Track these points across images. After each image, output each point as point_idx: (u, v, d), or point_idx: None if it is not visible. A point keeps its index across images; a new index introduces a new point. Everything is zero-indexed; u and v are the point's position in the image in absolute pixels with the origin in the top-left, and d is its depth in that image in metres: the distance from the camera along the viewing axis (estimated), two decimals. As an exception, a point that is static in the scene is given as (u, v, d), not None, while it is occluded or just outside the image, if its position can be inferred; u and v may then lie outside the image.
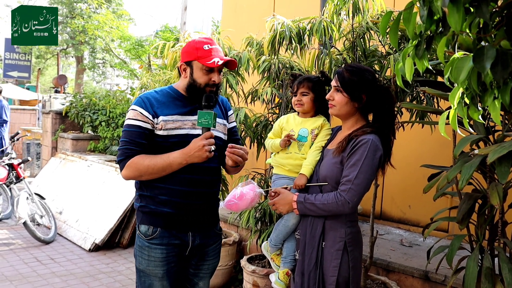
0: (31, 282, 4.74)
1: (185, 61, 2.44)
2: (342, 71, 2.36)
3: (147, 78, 5.26)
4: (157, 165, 2.34)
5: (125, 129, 2.41)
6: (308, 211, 2.34)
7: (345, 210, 2.23)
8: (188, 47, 2.43)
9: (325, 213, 2.28)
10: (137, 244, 2.50)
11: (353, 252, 2.31)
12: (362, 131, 2.29)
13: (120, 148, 2.39)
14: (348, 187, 2.20)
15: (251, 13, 6.62)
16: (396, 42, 1.62)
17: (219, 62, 2.37)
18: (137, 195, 2.53)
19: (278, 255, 2.73)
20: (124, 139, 2.39)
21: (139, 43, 19.06)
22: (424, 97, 3.47)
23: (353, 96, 2.32)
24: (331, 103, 2.39)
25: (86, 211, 6.48)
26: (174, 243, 2.47)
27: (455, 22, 1.34)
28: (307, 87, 2.60)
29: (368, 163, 2.20)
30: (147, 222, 2.46)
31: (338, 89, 2.35)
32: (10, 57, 22.56)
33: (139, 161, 2.35)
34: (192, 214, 2.50)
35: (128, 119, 2.40)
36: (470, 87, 1.43)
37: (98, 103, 9.27)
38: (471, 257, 2.67)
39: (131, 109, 2.41)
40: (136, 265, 2.51)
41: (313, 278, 2.33)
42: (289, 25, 3.57)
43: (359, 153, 2.22)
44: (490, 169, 2.63)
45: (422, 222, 4.89)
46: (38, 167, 10.48)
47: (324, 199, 2.26)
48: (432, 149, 4.66)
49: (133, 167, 2.35)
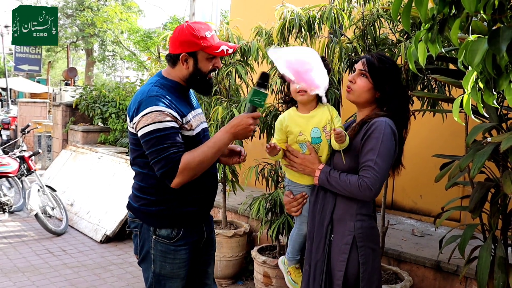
0: (43, 273, 4.77)
1: (187, 51, 2.24)
2: (372, 56, 2.22)
3: (156, 69, 5.25)
4: (208, 156, 2.19)
5: (157, 135, 2.13)
6: (327, 185, 2.18)
7: (365, 195, 2.08)
8: (188, 36, 2.22)
9: (345, 192, 2.13)
10: (157, 249, 2.34)
11: (364, 248, 2.16)
12: (375, 114, 2.18)
13: (162, 157, 2.13)
14: (370, 173, 2.06)
15: (260, 2, 6.58)
16: (409, 26, 1.58)
17: (229, 50, 2.27)
18: (152, 200, 2.33)
19: (297, 269, 2.53)
20: (161, 145, 2.13)
21: (147, 35, 19.09)
22: (436, 85, 3.42)
23: (377, 84, 2.19)
24: (351, 87, 2.24)
25: (97, 203, 6.51)
26: (195, 240, 2.44)
27: (469, 2, 1.30)
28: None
29: (385, 146, 2.07)
30: (169, 225, 2.33)
31: (363, 73, 2.21)
32: (20, 51, 22.66)
33: (189, 161, 2.15)
34: (208, 207, 2.50)
35: (157, 123, 2.12)
36: (485, 71, 1.40)
37: (108, 95, 9.28)
38: (484, 246, 2.64)
39: (156, 110, 2.14)
40: (156, 270, 2.36)
41: (320, 267, 2.22)
42: (299, 12, 3.53)
43: (374, 137, 2.09)
44: (503, 157, 2.59)
45: (433, 211, 4.85)
46: (49, 159, 10.55)
47: (348, 179, 2.11)
48: (443, 138, 4.61)
49: (187, 170, 2.15)
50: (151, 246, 2.35)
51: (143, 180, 2.36)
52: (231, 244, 4.54)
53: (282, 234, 3.89)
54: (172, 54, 2.30)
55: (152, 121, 2.13)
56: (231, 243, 4.54)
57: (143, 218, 2.38)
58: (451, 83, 2.83)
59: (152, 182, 2.31)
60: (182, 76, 2.32)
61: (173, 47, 2.29)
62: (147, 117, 2.14)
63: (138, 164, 2.36)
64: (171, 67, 2.34)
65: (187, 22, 2.29)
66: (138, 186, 2.40)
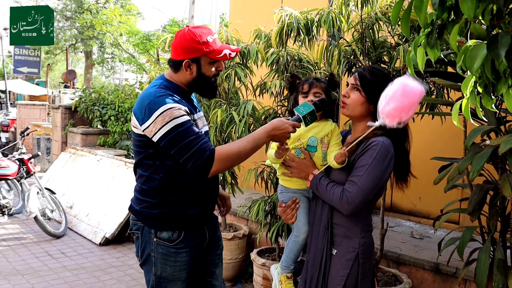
0: (42, 276, 4.77)
1: (190, 57, 2.25)
2: (364, 70, 2.24)
3: (155, 72, 5.25)
4: (246, 149, 2.20)
5: (180, 130, 2.14)
6: (316, 190, 2.22)
7: (343, 209, 2.12)
8: (190, 42, 2.23)
9: (329, 202, 2.18)
10: (158, 252, 2.35)
11: (364, 265, 2.19)
12: (372, 134, 2.17)
13: (194, 150, 2.13)
14: (353, 188, 2.08)
15: (259, 5, 6.59)
16: (408, 31, 1.59)
17: (232, 54, 2.29)
18: (154, 202, 2.34)
19: (289, 278, 2.49)
20: (188, 139, 2.14)
21: (147, 37, 19.09)
22: (434, 88, 3.43)
23: (370, 97, 2.19)
24: (345, 102, 2.25)
25: (96, 205, 6.51)
26: (197, 242, 2.44)
27: (468, 8, 1.31)
28: (320, 88, 2.36)
29: (375, 166, 2.08)
30: (170, 228, 2.34)
31: (356, 87, 2.22)
32: (19, 53, 22.69)
33: (226, 150, 2.18)
34: (210, 209, 2.51)
35: (175, 119, 2.13)
36: (484, 76, 1.41)
37: (107, 98, 9.29)
38: (483, 249, 2.65)
39: (170, 108, 2.15)
40: (157, 273, 2.37)
41: (315, 280, 2.24)
42: (297, 16, 3.55)
43: (368, 155, 2.10)
44: (502, 160, 2.60)
45: (432, 214, 4.85)
46: (48, 162, 10.54)
47: (332, 190, 2.15)
48: (442, 141, 4.62)
49: (225, 160, 2.17)
50: (152, 249, 2.36)
51: (145, 182, 2.37)
52: (230, 247, 4.55)
53: (281, 237, 3.89)
54: (175, 60, 2.30)
55: (169, 118, 2.13)
56: (230, 246, 4.54)
57: (145, 221, 2.38)
58: (450, 86, 2.85)
59: (154, 185, 2.32)
60: (185, 81, 2.33)
61: (175, 53, 2.29)
62: (163, 116, 2.14)
63: (142, 166, 2.37)
64: (174, 72, 2.35)
65: (188, 26, 2.29)
66: (140, 188, 2.41)
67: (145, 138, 2.25)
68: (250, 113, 3.78)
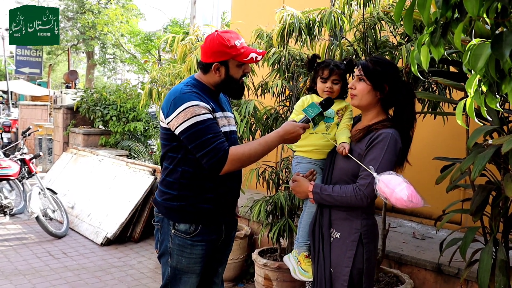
0: (44, 276, 4.77)
1: (219, 60, 2.38)
2: (366, 61, 2.36)
3: (156, 72, 5.25)
4: (258, 152, 2.33)
5: (200, 127, 2.25)
6: (324, 202, 2.34)
7: (363, 204, 2.23)
8: (219, 46, 2.34)
9: (342, 205, 2.28)
10: (175, 243, 2.46)
11: (368, 245, 2.31)
12: (382, 125, 2.28)
13: (209, 149, 2.25)
14: (367, 181, 2.19)
15: (260, 5, 6.58)
16: (411, 29, 1.59)
17: (258, 57, 2.39)
18: (174, 194, 2.45)
19: (307, 257, 2.54)
20: (206, 136, 2.25)
21: (148, 37, 19.10)
22: (436, 88, 3.42)
23: (376, 85, 2.30)
24: (353, 93, 2.37)
25: (97, 205, 6.51)
26: (213, 238, 2.53)
27: (472, 6, 1.30)
28: (338, 75, 2.50)
29: (388, 158, 2.19)
30: (188, 221, 2.44)
31: (361, 78, 2.33)
32: (21, 54, 22.73)
33: (238, 152, 2.29)
34: (228, 207, 2.59)
35: (197, 116, 2.25)
36: (488, 75, 1.40)
37: (108, 98, 9.29)
38: (485, 249, 2.64)
39: (193, 105, 2.27)
40: (173, 264, 2.49)
41: (322, 261, 2.38)
42: (299, 16, 3.54)
43: (379, 148, 2.21)
44: (504, 160, 2.59)
45: (434, 214, 4.83)
46: (50, 162, 10.54)
47: (342, 192, 2.26)
48: (444, 141, 4.61)
49: (236, 160, 2.28)
50: (170, 240, 2.47)
51: (168, 174, 2.48)
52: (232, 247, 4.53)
53: (283, 237, 3.88)
54: (204, 62, 2.43)
55: (191, 115, 2.25)
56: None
57: (165, 213, 2.50)
58: (452, 86, 2.83)
59: (176, 177, 2.44)
60: (214, 82, 2.46)
61: (205, 56, 2.42)
62: (186, 112, 2.26)
63: (167, 159, 2.48)
64: (203, 73, 2.48)
65: (217, 31, 2.41)
66: (164, 180, 2.51)
67: (169, 131, 2.37)
68: (252, 113, 3.77)
